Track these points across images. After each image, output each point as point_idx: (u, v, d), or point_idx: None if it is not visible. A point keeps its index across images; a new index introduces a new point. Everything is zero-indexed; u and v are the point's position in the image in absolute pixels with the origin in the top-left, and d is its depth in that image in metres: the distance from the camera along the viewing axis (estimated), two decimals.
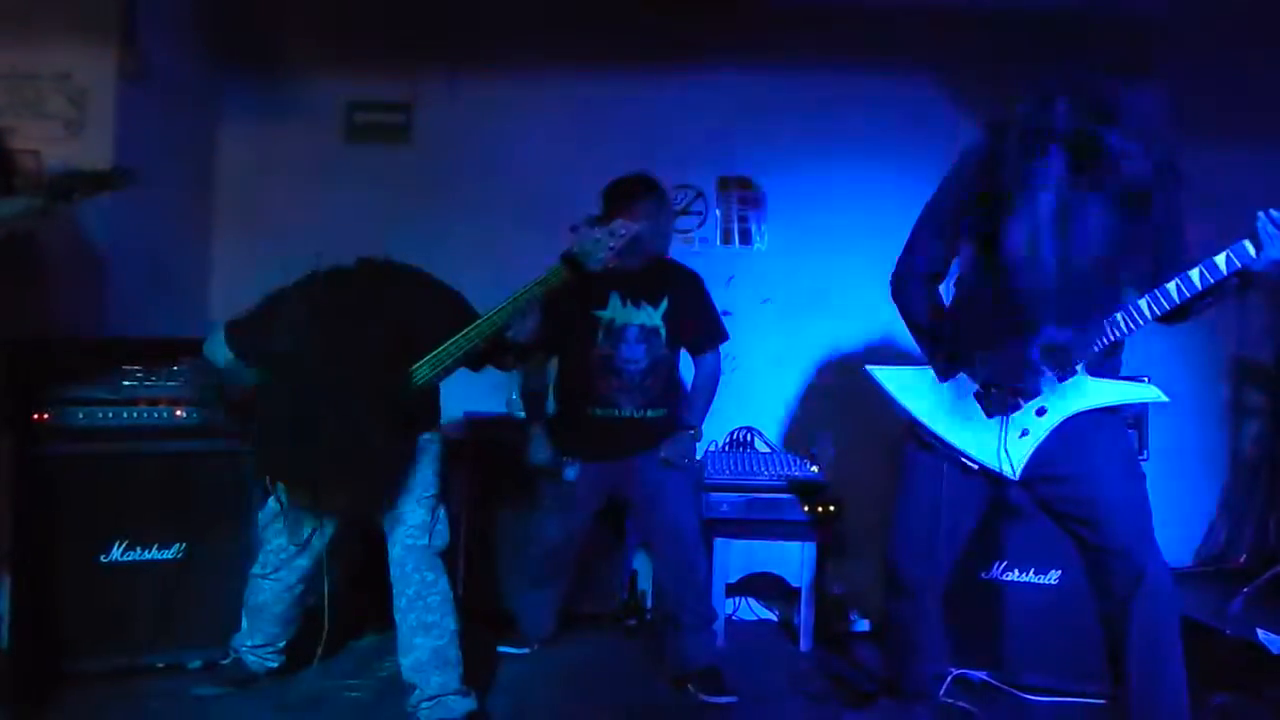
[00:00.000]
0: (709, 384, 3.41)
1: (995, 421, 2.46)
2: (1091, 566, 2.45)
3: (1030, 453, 2.44)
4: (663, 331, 3.29)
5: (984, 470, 2.48)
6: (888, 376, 2.59)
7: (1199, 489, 4.25)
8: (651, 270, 3.30)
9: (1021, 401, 2.44)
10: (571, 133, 4.29)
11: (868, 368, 2.63)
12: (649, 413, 3.28)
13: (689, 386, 3.48)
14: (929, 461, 2.55)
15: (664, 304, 3.30)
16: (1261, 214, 2.26)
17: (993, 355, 2.43)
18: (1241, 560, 4.03)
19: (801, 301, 4.33)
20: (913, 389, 2.57)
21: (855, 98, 4.32)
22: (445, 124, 4.39)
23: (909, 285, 2.62)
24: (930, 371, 2.56)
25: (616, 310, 3.26)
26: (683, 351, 3.42)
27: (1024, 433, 2.45)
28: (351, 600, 3.20)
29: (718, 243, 4.41)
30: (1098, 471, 2.42)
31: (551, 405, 3.45)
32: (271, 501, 2.90)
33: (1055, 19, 3.63)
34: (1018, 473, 2.44)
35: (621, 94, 4.37)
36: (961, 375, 2.51)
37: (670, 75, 4.37)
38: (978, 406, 2.49)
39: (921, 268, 2.60)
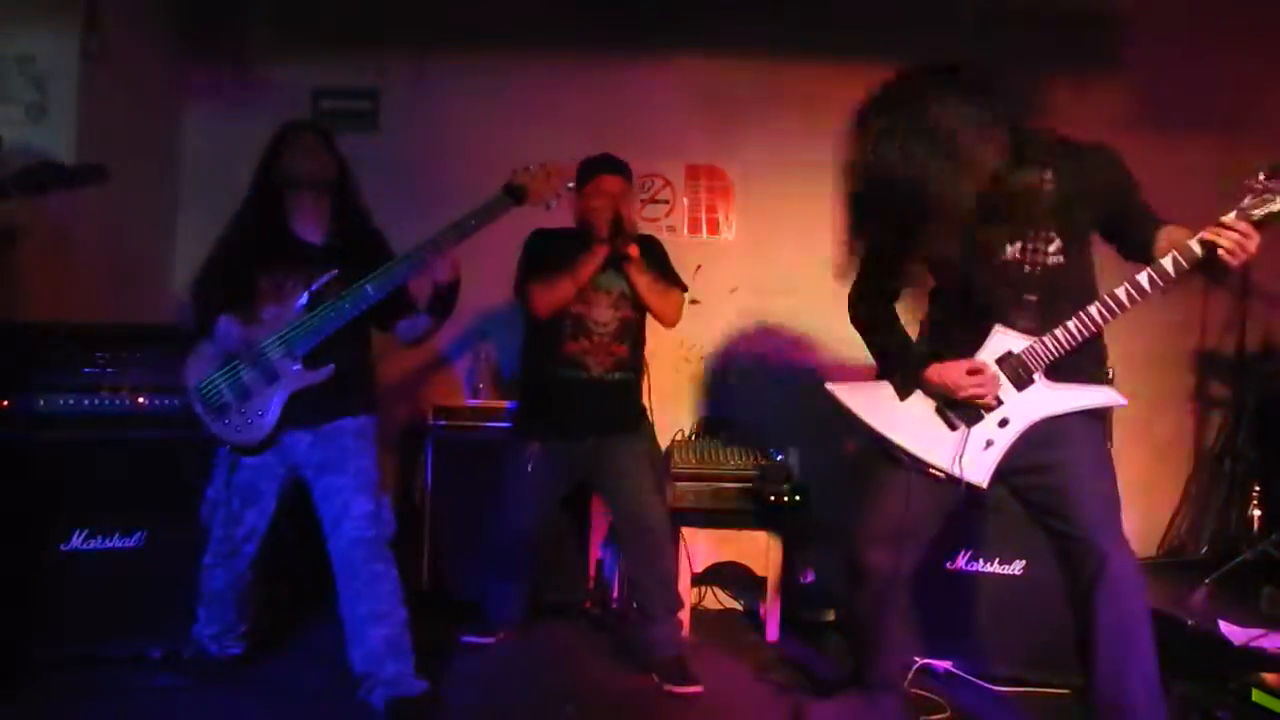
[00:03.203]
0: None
1: (959, 434, 2.47)
2: (1059, 554, 2.46)
3: (996, 462, 2.45)
4: (630, 295, 3.29)
5: (951, 479, 2.48)
6: (849, 394, 2.58)
7: (1163, 480, 4.29)
8: None
9: (983, 413, 2.46)
10: (539, 119, 4.26)
11: (829, 386, 2.61)
12: (615, 375, 3.28)
13: None
14: (895, 468, 2.55)
15: None
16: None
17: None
18: (1203, 551, 4.08)
19: (769, 291, 4.33)
20: (874, 405, 2.56)
21: (824, 88, 4.31)
22: (412, 110, 4.37)
23: (866, 303, 2.60)
24: (890, 385, 2.56)
25: None
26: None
27: (988, 444, 2.45)
28: (312, 583, 3.16)
29: (685, 231, 4.39)
30: (1067, 462, 2.42)
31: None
32: (209, 492, 2.89)
33: (1022, 12, 3.64)
34: (986, 482, 2.45)
35: (590, 80, 4.35)
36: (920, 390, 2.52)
37: (639, 62, 4.35)
38: (940, 420, 2.50)
39: (879, 285, 2.57)
